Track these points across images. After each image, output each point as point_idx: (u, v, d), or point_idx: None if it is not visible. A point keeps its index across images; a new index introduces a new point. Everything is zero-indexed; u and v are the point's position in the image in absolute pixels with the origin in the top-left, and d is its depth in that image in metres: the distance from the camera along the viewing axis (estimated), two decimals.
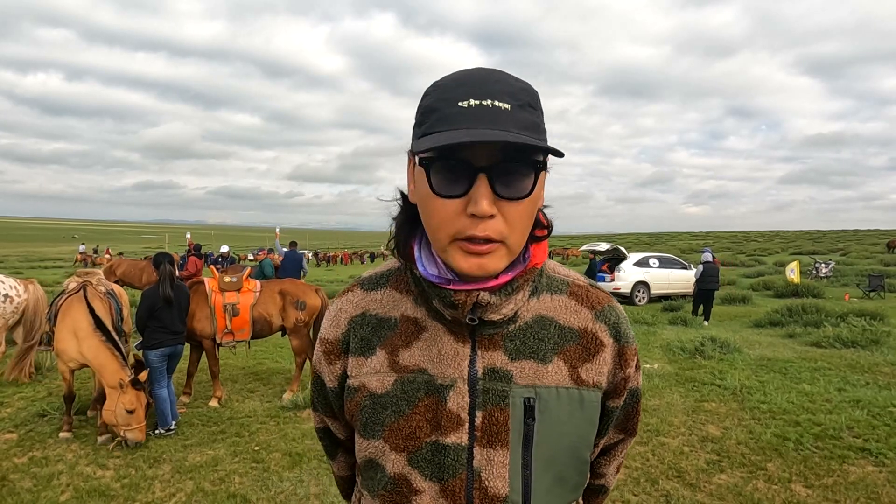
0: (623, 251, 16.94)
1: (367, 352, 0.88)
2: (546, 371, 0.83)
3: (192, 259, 12.02)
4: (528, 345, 0.84)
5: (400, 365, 0.85)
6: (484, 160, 0.71)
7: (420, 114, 0.79)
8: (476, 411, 0.81)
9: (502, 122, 0.71)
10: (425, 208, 0.77)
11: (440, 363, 0.83)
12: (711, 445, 4.63)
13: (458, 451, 0.80)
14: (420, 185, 0.77)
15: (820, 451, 4.47)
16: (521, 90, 0.76)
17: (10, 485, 3.95)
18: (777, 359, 7.88)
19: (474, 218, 0.72)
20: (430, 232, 0.78)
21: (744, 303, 15.78)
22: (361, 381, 0.88)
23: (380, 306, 0.91)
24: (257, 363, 7.73)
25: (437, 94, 0.76)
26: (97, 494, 3.83)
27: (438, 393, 0.82)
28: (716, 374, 6.90)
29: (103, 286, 5.28)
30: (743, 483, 3.96)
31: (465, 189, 0.72)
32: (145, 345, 4.95)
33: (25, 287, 6.49)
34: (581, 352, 0.86)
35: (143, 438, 4.57)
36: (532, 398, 0.81)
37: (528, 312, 0.86)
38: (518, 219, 0.74)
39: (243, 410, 5.62)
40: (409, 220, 0.87)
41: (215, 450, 4.61)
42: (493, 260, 0.75)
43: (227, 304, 5.81)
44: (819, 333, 9.42)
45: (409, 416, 0.82)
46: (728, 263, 36.18)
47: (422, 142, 0.73)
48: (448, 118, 0.72)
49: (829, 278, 22.37)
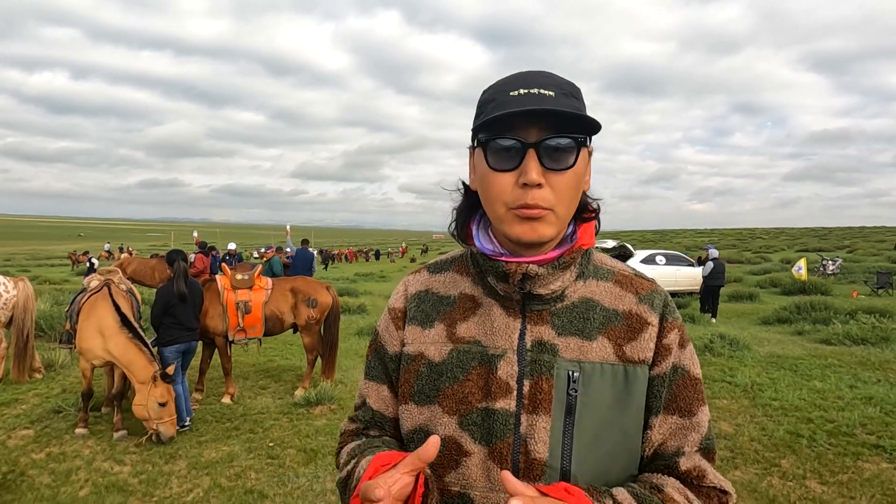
0: (630, 248, 16.91)
1: (427, 324, 0.97)
2: (591, 347, 0.89)
3: (198, 256, 12.08)
4: (574, 322, 0.90)
5: (457, 336, 0.94)
6: (532, 136, 0.82)
7: (478, 107, 0.89)
8: (524, 380, 0.87)
9: (546, 105, 0.81)
10: (483, 184, 0.87)
11: (493, 335, 0.91)
12: (724, 442, 4.64)
13: (507, 417, 0.86)
14: (479, 165, 0.88)
15: (833, 447, 4.47)
16: (566, 83, 0.87)
17: (30, 480, 3.99)
18: (787, 356, 7.87)
19: (526, 188, 0.82)
20: (488, 205, 0.88)
21: (751, 300, 15.74)
22: (420, 349, 0.96)
23: (442, 286, 1.01)
24: (268, 360, 7.77)
25: (492, 90, 0.88)
26: (115, 489, 3.87)
27: (490, 362, 0.89)
28: (726, 372, 6.90)
29: (125, 284, 5.34)
30: (757, 479, 3.97)
31: (517, 163, 0.83)
32: (160, 341, 4.99)
33: (15, 284, 6.53)
34: (626, 331, 0.91)
35: (174, 432, 4.60)
36: (575, 371, 0.87)
37: (574, 294, 0.93)
38: (564, 189, 0.84)
39: (256, 407, 5.66)
40: (469, 206, 0.98)
41: (230, 446, 4.64)
42: (543, 225, 0.84)
43: (239, 301, 5.85)
44: (828, 330, 9.40)
45: (463, 383, 0.90)
46: (734, 260, 36.06)
47: (479, 124, 0.85)
48: (501, 104, 0.83)
49: (836, 275, 22.28)
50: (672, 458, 0.90)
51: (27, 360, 6.44)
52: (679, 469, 0.90)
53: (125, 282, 5.44)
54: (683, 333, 0.95)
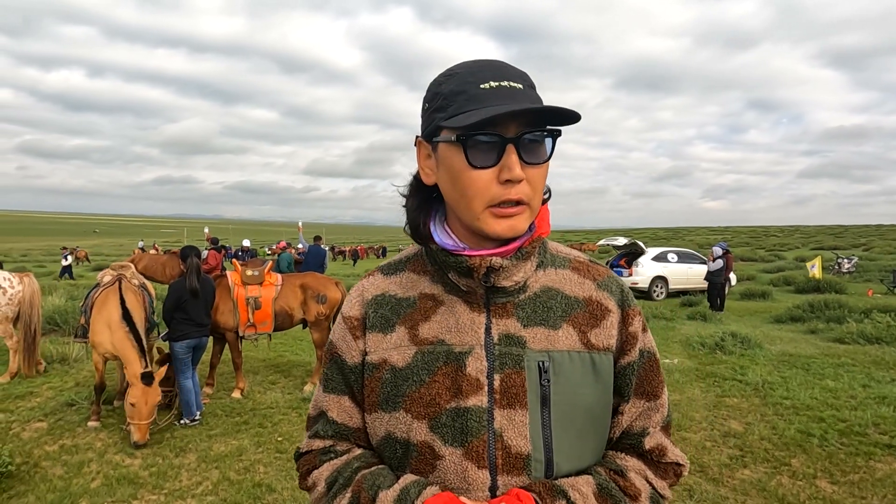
0: (641, 246, 16.80)
1: (388, 329, 0.94)
2: (557, 336, 0.89)
3: (211, 252, 12.23)
4: (538, 313, 0.90)
5: (420, 338, 0.91)
6: (511, 132, 0.81)
7: (441, 99, 0.86)
8: (494, 374, 0.87)
9: (520, 99, 0.82)
10: (459, 182, 0.84)
11: (458, 332, 0.89)
12: (734, 441, 4.60)
13: (480, 413, 0.85)
14: (453, 161, 0.84)
15: (845, 447, 4.42)
16: (525, 74, 0.87)
17: (43, 471, 4.05)
18: (799, 354, 7.78)
19: (507, 184, 0.82)
20: (462, 203, 0.85)
21: (763, 298, 15.59)
22: (382, 356, 0.93)
23: (399, 287, 0.98)
24: (277, 356, 7.82)
25: (456, 80, 0.85)
26: (126, 482, 3.91)
27: (457, 360, 0.88)
28: (737, 370, 6.84)
29: (137, 279, 5.39)
30: (767, 478, 3.93)
31: (497, 159, 0.82)
32: (171, 336, 5.04)
33: (20, 279, 6.60)
34: (588, 318, 0.92)
35: (140, 439, 4.40)
36: (545, 361, 0.87)
37: (535, 283, 0.93)
38: (539, 182, 0.85)
39: (265, 402, 5.70)
40: (423, 203, 0.95)
41: (239, 440, 4.68)
42: (520, 221, 0.85)
43: (249, 297, 5.89)
44: (842, 329, 9.29)
45: (429, 384, 0.88)
46: (747, 258, 35.71)
47: (458, 119, 0.81)
48: (475, 98, 0.82)
49: (851, 274, 22.00)
50: (637, 438, 0.94)
51: (35, 355, 6.52)
52: (644, 447, 0.94)
53: (138, 277, 5.50)
54: (643, 318, 0.97)
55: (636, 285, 15.87)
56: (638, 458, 0.94)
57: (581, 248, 49.10)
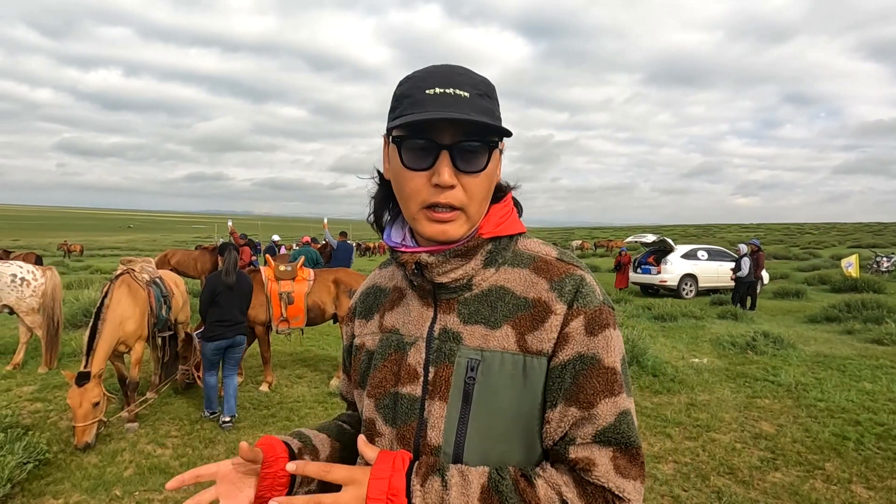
0: (670, 242, 16.50)
1: (368, 316, 1.05)
2: (493, 336, 0.89)
3: (244, 248, 12.51)
4: (480, 311, 0.92)
5: (384, 326, 1.01)
6: (447, 139, 0.84)
7: (394, 100, 0.90)
8: (430, 367, 0.91)
9: (462, 107, 0.83)
10: (397, 181, 0.89)
11: (409, 324, 0.97)
12: (765, 443, 4.50)
13: (412, 401, 0.91)
14: (393, 161, 0.89)
15: (882, 451, 4.28)
16: (481, 82, 0.88)
17: (79, 460, 4.18)
18: (835, 355, 7.57)
19: (438, 188, 0.84)
20: (402, 202, 0.90)
21: (797, 297, 15.20)
22: (363, 340, 1.04)
23: (384, 279, 1.08)
24: (305, 350, 7.92)
25: (408, 84, 0.88)
26: (158, 471, 4.02)
27: (403, 349, 0.95)
28: (769, 370, 6.69)
29: (147, 274, 5.40)
30: (799, 482, 3.83)
31: (431, 163, 0.84)
32: (203, 335, 5.10)
33: (43, 272, 6.77)
34: (531, 320, 0.89)
35: (78, 442, 4.26)
36: (476, 360, 0.89)
37: (484, 282, 0.94)
38: (476, 190, 0.87)
39: (292, 395, 5.78)
40: (385, 196, 1.00)
41: (266, 432, 4.75)
42: (453, 227, 0.87)
43: (282, 292, 5.97)
44: (880, 330, 8.99)
45: (381, 368, 0.97)
46: (780, 256, 34.84)
47: (397, 121, 0.85)
48: (417, 103, 0.84)
49: (891, 273, 21.28)
50: (563, 446, 0.85)
51: (58, 347, 6.68)
52: (567, 457, 0.84)
53: (148, 271, 5.47)
54: (597, 319, 0.88)
55: (665, 283, 15.61)
56: (567, 473, 0.85)
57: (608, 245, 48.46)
